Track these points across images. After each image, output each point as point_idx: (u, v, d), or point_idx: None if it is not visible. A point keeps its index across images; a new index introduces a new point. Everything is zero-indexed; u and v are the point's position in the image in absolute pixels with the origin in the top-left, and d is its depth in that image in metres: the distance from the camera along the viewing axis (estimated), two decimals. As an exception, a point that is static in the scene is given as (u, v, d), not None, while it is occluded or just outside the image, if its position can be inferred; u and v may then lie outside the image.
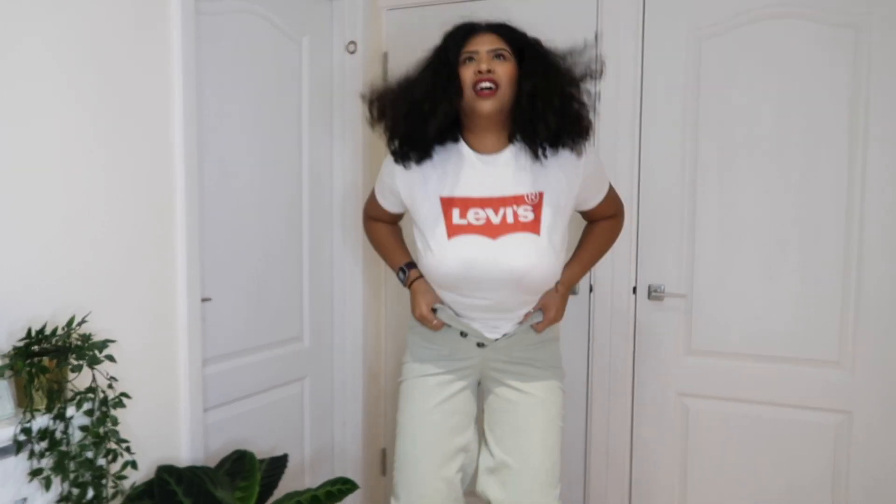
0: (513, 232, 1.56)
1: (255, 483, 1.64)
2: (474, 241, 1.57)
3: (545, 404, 1.67)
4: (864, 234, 1.97)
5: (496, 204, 1.58)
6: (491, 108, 1.53)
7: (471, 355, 1.70)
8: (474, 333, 1.67)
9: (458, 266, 1.57)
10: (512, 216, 1.57)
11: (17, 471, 1.31)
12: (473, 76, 1.53)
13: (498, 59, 1.54)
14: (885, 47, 1.92)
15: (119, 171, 1.59)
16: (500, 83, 1.52)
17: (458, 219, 1.58)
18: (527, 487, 1.63)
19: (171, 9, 1.68)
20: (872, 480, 2.01)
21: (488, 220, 1.57)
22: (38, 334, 1.37)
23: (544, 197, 1.58)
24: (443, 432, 1.68)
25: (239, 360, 2.06)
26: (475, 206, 1.58)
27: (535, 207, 1.57)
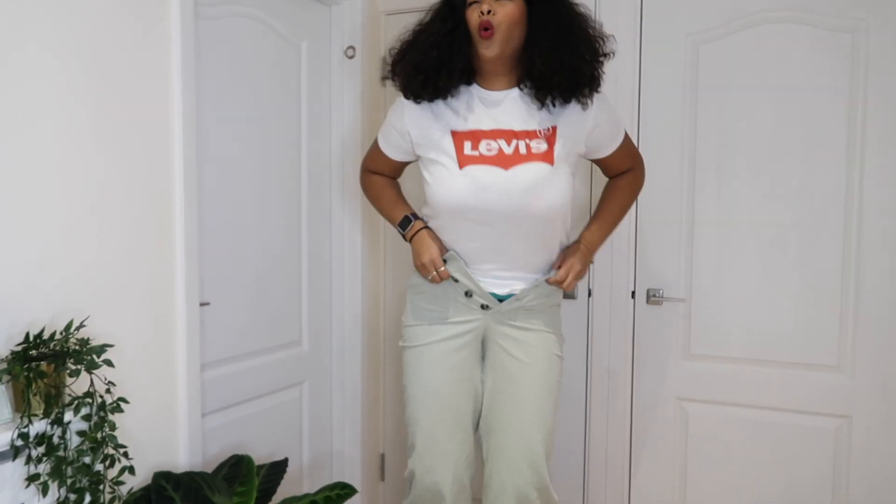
0: (526, 162, 1.57)
1: (252, 488, 1.63)
2: (486, 170, 1.57)
3: (544, 374, 1.69)
4: (863, 237, 1.97)
5: (509, 136, 1.59)
6: (490, 52, 1.55)
7: (474, 317, 1.70)
8: (480, 293, 1.67)
9: (468, 193, 1.57)
10: (525, 148, 1.58)
11: (14, 476, 1.30)
12: (477, 18, 1.54)
13: (500, 1, 1.53)
14: (882, 51, 1.92)
15: (118, 175, 1.59)
16: (497, 25, 1.52)
17: (469, 150, 1.59)
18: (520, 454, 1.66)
19: (171, 13, 1.68)
20: (872, 485, 2.01)
21: (500, 151, 1.58)
22: (36, 339, 1.36)
23: (558, 130, 1.60)
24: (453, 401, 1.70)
25: (238, 364, 2.05)
26: (487, 137, 1.59)
27: (548, 139, 1.59)
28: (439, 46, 1.56)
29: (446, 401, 1.70)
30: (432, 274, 1.68)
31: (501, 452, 1.69)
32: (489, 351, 1.74)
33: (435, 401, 1.70)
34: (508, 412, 1.68)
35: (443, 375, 1.70)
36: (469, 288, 1.68)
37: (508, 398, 1.69)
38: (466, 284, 1.68)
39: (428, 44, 1.58)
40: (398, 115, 1.69)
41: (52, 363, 1.33)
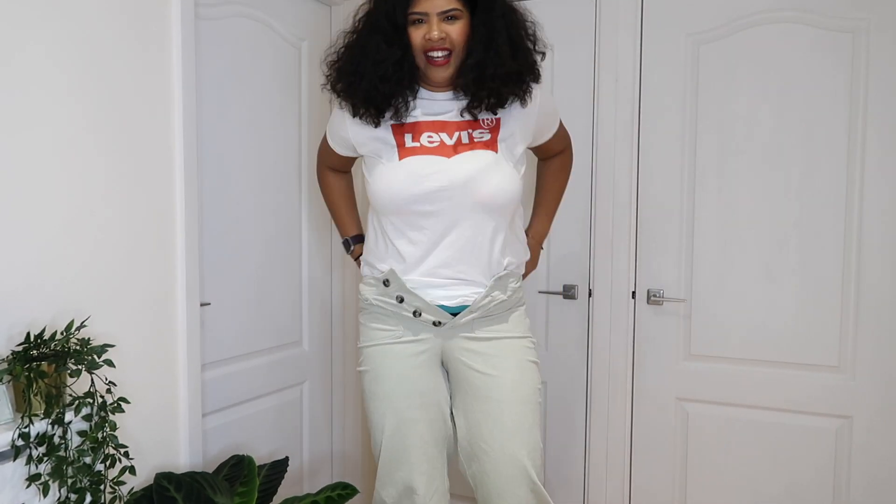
0: (468, 150, 1.52)
1: (254, 488, 1.63)
2: (427, 159, 1.51)
3: (517, 385, 1.56)
4: (864, 238, 1.97)
5: (451, 127, 1.54)
6: (446, 76, 1.51)
7: (426, 336, 1.58)
8: (428, 309, 1.54)
9: (409, 183, 1.50)
10: (467, 137, 1.53)
11: (14, 476, 1.30)
12: (423, 42, 1.47)
13: (449, 22, 1.46)
14: (882, 51, 1.92)
15: (119, 176, 1.59)
16: (453, 48, 1.48)
17: (410, 142, 1.53)
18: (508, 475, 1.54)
19: (172, 14, 1.68)
20: (873, 485, 2.01)
21: (442, 143, 1.53)
22: (37, 339, 1.36)
23: (501, 121, 1.56)
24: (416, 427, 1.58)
25: (238, 364, 2.05)
26: (428, 129, 1.54)
27: (491, 130, 1.55)
28: (389, 80, 1.48)
29: (409, 427, 1.58)
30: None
31: (489, 478, 1.56)
32: (452, 369, 1.61)
33: (397, 427, 1.58)
34: (487, 434, 1.55)
35: (403, 400, 1.58)
36: (416, 306, 1.55)
37: (484, 417, 1.55)
38: (412, 303, 1.55)
39: (375, 74, 1.48)
40: (338, 114, 1.63)
41: (52, 363, 1.33)
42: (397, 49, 1.48)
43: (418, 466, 1.58)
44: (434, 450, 1.60)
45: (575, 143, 2.25)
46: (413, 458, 1.58)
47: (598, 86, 2.21)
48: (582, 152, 2.25)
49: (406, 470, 1.59)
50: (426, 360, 1.59)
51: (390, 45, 1.48)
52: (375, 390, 1.61)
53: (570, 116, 2.25)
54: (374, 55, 1.49)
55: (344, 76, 1.54)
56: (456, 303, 1.55)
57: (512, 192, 1.53)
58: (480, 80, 1.48)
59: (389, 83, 1.49)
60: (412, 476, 1.58)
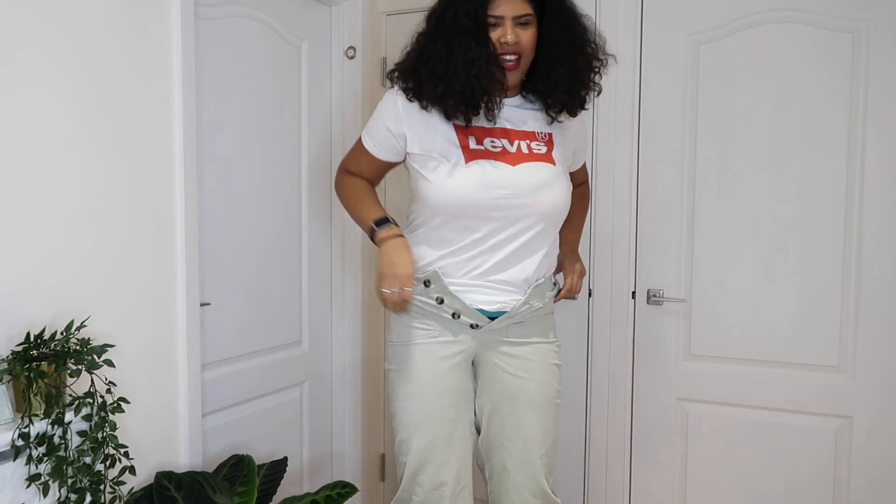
0: (530, 161, 1.56)
1: (253, 488, 1.63)
2: (493, 164, 1.54)
3: (543, 387, 1.65)
4: (864, 238, 1.97)
5: (511, 135, 1.58)
6: (514, 79, 1.55)
7: (464, 336, 1.61)
8: (468, 312, 1.58)
9: (476, 188, 1.52)
10: (527, 147, 1.57)
11: (14, 476, 1.30)
12: (497, 45, 1.51)
13: (522, 27, 1.51)
14: (882, 51, 1.92)
15: (119, 176, 1.59)
16: (523, 53, 1.52)
17: (474, 144, 1.55)
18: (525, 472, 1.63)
19: (171, 13, 1.68)
20: (873, 485, 2.01)
21: (504, 149, 1.56)
22: (37, 339, 1.36)
23: (554, 137, 1.62)
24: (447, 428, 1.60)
25: (238, 364, 2.05)
26: (490, 135, 1.57)
27: (547, 143, 1.60)
28: (483, 77, 1.48)
29: (441, 427, 1.60)
30: (395, 290, 1.53)
31: (507, 474, 1.64)
32: (484, 370, 1.66)
33: (429, 427, 1.60)
34: (510, 431, 1.63)
35: (436, 401, 1.59)
36: (455, 308, 1.58)
37: (509, 417, 1.63)
38: (452, 305, 1.58)
39: (470, 73, 1.48)
40: (392, 114, 1.58)
41: (52, 363, 1.33)
42: (486, 47, 1.50)
43: (448, 465, 1.61)
44: (463, 449, 1.63)
45: (575, 143, 2.27)
46: (444, 457, 1.61)
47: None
48: (582, 152, 2.25)
49: (436, 468, 1.61)
50: (461, 360, 1.62)
51: (480, 44, 1.49)
52: (409, 390, 1.61)
53: (570, 116, 2.26)
54: (463, 55, 1.48)
55: (438, 81, 1.51)
56: (495, 308, 1.59)
57: (567, 205, 1.62)
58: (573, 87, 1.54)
59: (482, 81, 1.49)
60: (442, 474, 1.61)
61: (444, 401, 1.60)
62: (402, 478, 1.65)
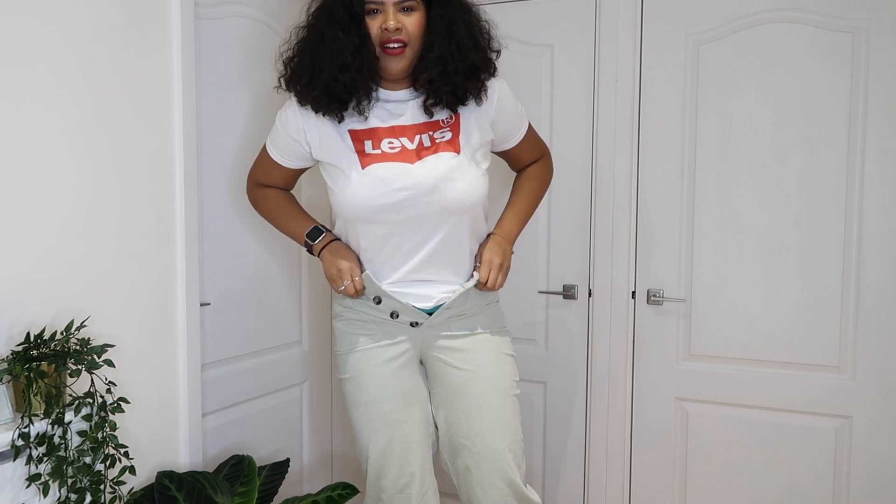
0: (431, 153, 1.50)
1: (254, 488, 1.63)
2: (391, 166, 1.48)
3: (495, 379, 1.58)
4: (864, 238, 1.97)
5: (410, 132, 1.51)
6: (401, 67, 1.48)
7: (405, 337, 1.58)
8: (405, 310, 1.55)
9: (376, 193, 1.48)
10: (429, 140, 1.51)
11: (14, 476, 1.30)
12: (380, 33, 1.45)
13: (405, 13, 1.45)
14: (882, 51, 1.92)
15: (119, 176, 1.59)
16: (409, 40, 1.46)
17: (370, 149, 1.50)
18: (489, 469, 1.56)
19: (171, 14, 1.68)
20: (873, 485, 2.01)
21: (403, 148, 1.50)
22: (37, 339, 1.36)
23: (461, 117, 1.54)
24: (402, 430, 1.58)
25: (238, 364, 2.05)
26: (387, 135, 1.51)
27: (452, 127, 1.52)
28: (349, 69, 1.44)
29: (395, 430, 1.58)
30: (346, 283, 1.54)
31: (471, 473, 1.58)
32: (430, 368, 1.63)
33: (383, 431, 1.58)
34: (467, 428, 1.57)
35: (386, 404, 1.57)
36: (393, 308, 1.55)
37: (464, 413, 1.58)
38: (389, 304, 1.55)
39: (335, 64, 1.44)
40: (292, 120, 1.56)
41: (52, 363, 1.33)
42: (355, 37, 1.44)
43: (408, 467, 1.59)
44: (422, 450, 1.61)
45: (575, 143, 2.27)
46: (403, 460, 1.59)
47: (598, 86, 2.21)
48: (582, 152, 2.25)
49: (396, 471, 1.59)
50: (406, 361, 1.59)
51: (348, 34, 1.44)
52: (358, 397, 1.60)
53: (570, 117, 2.26)
54: (331, 45, 1.45)
55: (303, 71, 1.49)
56: (431, 304, 1.56)
57: (478, 193, 1.53)
58: (444, 75, 1.46)
59: (349, 72, 1.44)
60: (403, 477, 1.59)
61: (393, 403, 1.58)
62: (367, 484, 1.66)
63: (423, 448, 1.61)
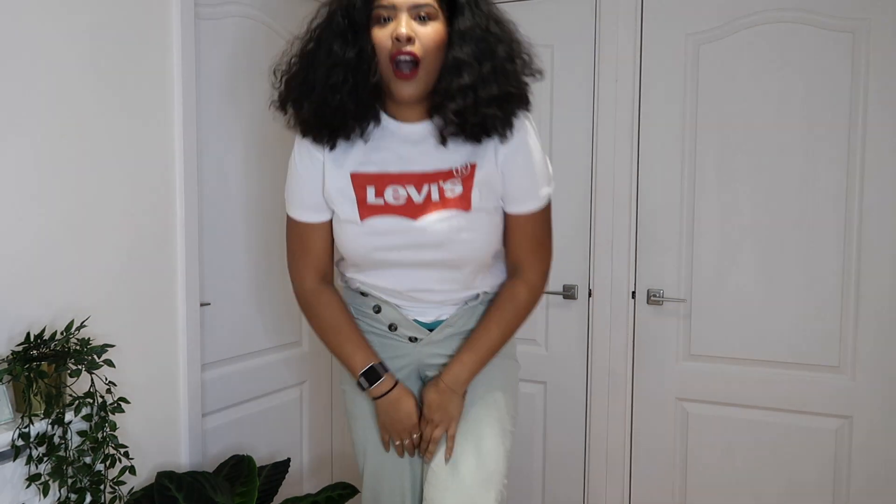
0: (437, 210, 1.29)
1: (254, 488, 1.63)
2: (391, 221, 1.30)
3: (483, 404, 1.40)
4: (864, 238, 1.97)
5: (419, 180, 1.30)
6: (412, 91, 1.22)
7: (403, 353, 1.44)
8: (405, 324, 1.41)
9: (373, 247, 1.33)
10: (437, 192, 1.29)
11: (14, 476, 1.30)
12: (390, 44, 1.20)
13: (422, 21, 1.20)
14: (882, 51, 1.92)
15: (119, 176, 1.59)
16: (424, 55, 1.20)
17: (372, 198, 1.30)
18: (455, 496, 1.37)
19: (171, 13, 1.68)
20: (873, 485, 2.01)
21: (409, 200, 1.30)
22: (37, 339, 1.36)
23: (477, 169, 1.30)
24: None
25: (238, 364, 2.05)
26: (394, 182, 1.30)
27: (464, 180, 1.29)
28: (341, 88, 1.21)
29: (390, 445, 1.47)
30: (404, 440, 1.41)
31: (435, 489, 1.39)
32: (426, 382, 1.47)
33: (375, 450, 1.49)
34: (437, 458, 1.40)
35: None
36: (392, 319, 1.42)
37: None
38: (388, 315, 1.41)
39: (328, 82, 1.21)
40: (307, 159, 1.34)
41: (52, 363, 1.33)
42: (351, 50, 1.21)
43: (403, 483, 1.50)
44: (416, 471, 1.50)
45: (575, 143, 2.27)
46: (397, 483, 1.50)
47: (598, 86, 2.21)
48: (582, 152, 2.25)
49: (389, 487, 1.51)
50: (403, 378, 1.45)
51: (345, 47, 1.21)
52: (354, 411, 1.51)
53: (571, 117, 2.26)
54: (325, 60, 1.22)
55: (293, 90, 1.27)
56: (432, 318, 1.42)
57: (488, 248, 1.36)
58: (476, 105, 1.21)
59: (340, 93, 1.21)
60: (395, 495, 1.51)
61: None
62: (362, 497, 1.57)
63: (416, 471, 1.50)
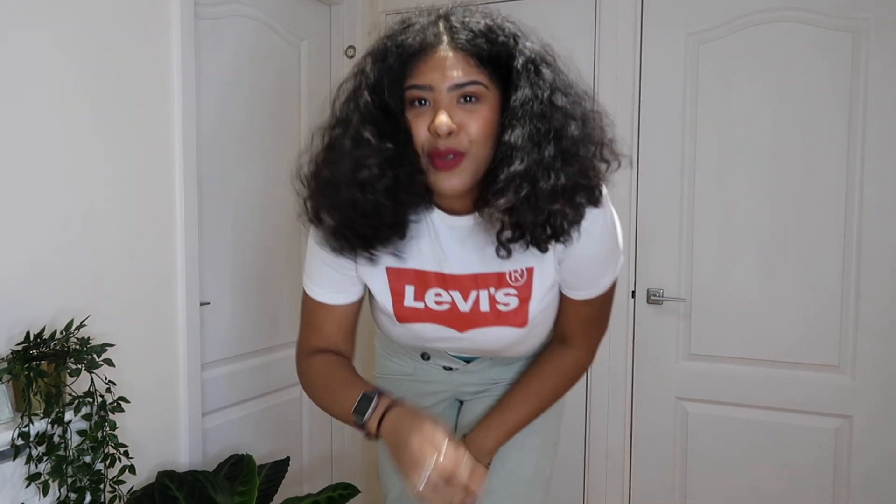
0: (487, 325, 1.10)
1: (254, 487, 1.63)
2: (433, 330, 1.12)
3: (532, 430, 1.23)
4: (864, 237, 1.97)
5: (466, 284, 1.08)
6: (457, 184, 0.96)
7: (438, 379, 1.30)
8: (437, 354, 1.28)
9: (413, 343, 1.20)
10: (487, 302, 1.09)
11: (14, 475, 1.30)
12: (426, 136, 0.95)
13: (466, 105, 0.94)
14: (882, 51, 1.92)
15: (119, 176, 1.59)
16: (469, 148, 0.95)
17: (411, 300, 1.10)
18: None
19: (171, 13, 1.68)
20: (873, 485, 2.01)
21: (454, 307, 1.10)
22: (37, 338, 1.36)
23: (535, 274, 1.08)
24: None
25: (238, 363, 2.05)
26: (437, 284, 1.09)
27: (521, 289, 1.08)
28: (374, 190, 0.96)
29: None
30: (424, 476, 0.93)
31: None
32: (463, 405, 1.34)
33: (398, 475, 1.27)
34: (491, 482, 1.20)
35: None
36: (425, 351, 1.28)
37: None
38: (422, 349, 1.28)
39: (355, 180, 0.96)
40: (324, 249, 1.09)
41: (52, 362, 1.33)
42: (387, 141, 0.96)
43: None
44: None
45: (575, 142, 2.27)
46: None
47: (598, 86, 2.21)
48: (582, 152, 2.25)
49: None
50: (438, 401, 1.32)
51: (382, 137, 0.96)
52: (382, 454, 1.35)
53: (570, 116, 2.26)
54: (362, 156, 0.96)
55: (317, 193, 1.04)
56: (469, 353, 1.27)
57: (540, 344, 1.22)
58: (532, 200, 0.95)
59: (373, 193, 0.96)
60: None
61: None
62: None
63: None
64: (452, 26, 0.97)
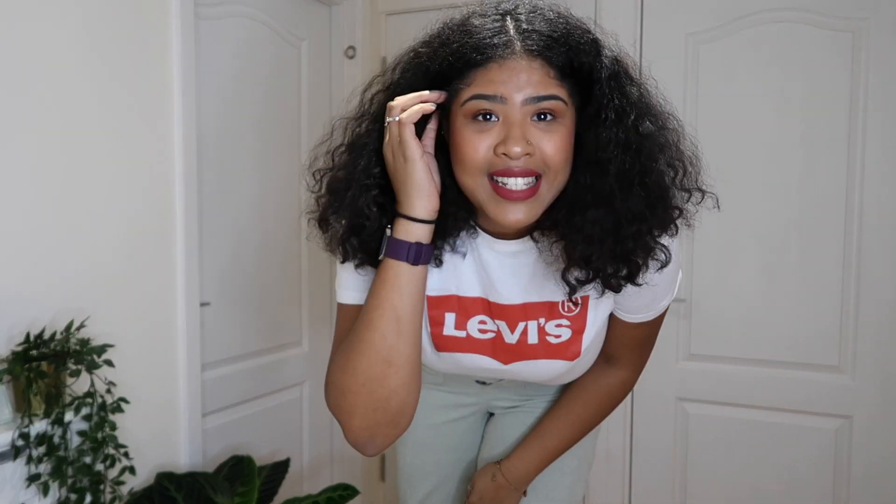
0: (534, 359, 1.00)
1: (254, 489, 1.63)
2: (475, 360, 1.02)
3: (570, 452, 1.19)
4: (864, 237, 1.97)
5: (514, 314, 0.97)
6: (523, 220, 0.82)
7: (471, 391, 1.23)
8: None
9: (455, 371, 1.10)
10: (536, 334, 0.98)
11: (14, 476, 1.30)
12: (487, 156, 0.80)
13: (540, 122, 0.80)
14: (882, 51, 1.92)
15: (119, 176, 1.59)
16: (545, 171, 0.81)
17: (452, 329, 0.99)
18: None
19: (171, 13, 1.68)
20: (873, 485, 2.01)
21: (499, 337, 0.99)
22: (37, 339, 1.36)
23: (590, 303, 0.97)
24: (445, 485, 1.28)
25: (238, 364, 2.05)
26: (481, 312, 0.98)
27: (574, 319, 0.98)
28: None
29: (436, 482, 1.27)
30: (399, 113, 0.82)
31: None
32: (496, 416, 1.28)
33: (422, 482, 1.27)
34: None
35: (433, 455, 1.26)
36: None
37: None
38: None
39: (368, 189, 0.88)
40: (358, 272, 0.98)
41: (52, 363, 1.33)
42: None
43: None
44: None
45: (575, 143, 2.27)
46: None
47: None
48: (582, 152, 2.25)
49: None
50: (466, 415, 1.25)
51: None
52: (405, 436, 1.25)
53: (570, 116, 2.26)
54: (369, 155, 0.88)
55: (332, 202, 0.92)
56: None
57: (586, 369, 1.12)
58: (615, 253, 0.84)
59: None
60: None
61: (441, 456, 1.26)
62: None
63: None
64: (523, 28, 0.80)
